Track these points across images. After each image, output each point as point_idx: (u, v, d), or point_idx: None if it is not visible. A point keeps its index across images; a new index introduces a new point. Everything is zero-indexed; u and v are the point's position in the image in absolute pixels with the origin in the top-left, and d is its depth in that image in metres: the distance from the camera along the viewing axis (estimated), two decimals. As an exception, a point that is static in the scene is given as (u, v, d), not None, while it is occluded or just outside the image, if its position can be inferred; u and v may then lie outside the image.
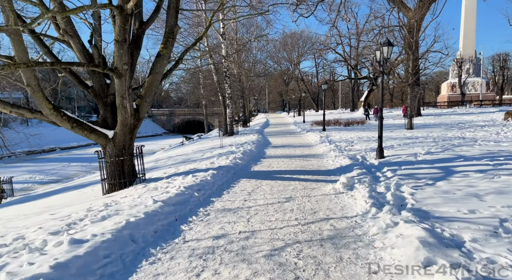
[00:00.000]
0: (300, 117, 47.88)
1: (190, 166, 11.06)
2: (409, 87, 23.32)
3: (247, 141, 18.32)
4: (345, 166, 10.16)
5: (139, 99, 9.02)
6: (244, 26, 33.23)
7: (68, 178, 29.15)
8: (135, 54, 9.40)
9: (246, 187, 7.90)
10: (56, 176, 30.56)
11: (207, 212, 5.89)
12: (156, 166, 13.97)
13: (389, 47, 10.68)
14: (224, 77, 24.15)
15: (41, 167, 34.86)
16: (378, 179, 8.08)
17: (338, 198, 6.55)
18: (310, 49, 58.25)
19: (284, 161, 12.13)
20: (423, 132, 19.25)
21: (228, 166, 10.17)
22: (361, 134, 19.75)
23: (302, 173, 9.53)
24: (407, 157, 10.81)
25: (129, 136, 9.07)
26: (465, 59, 53.86)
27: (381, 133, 11.33)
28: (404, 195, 6.09)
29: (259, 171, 10.15)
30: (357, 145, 14.87)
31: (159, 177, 9.67)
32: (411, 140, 15.50)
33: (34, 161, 40.20)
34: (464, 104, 50.40)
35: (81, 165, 35.91)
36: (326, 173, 9.59)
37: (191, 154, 15.82)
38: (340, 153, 12.78)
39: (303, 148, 16.15)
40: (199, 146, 20.64)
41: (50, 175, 31.05)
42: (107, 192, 9.16)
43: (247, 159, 12.30)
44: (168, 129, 78.08)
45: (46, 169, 33.80)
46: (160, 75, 8.94)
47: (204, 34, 10.40)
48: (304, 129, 27.04)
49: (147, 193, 7.01)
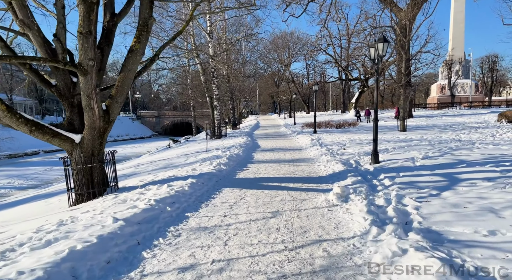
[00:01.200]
0: (291, 119, 47.15)
1: (170, 173, 10.12)
2: (401, 88, 22.69)
3: (234, 144, 17.42)
4: (338, 172, 9.33)
5: (109, 99, 8.06)
6: (233, 25, 32.40)
7: (48, 183, 27.77)
8: (105, 49, 8.46)
9: (228, 198, 7.00)
10: (36, 181, 29.13)
11: (178, 232, 4.96)
12: (135, 172, 12.98)
13: (385, 44, 9.90)
14: (212, 77, 23.21)
15: (22, 172, 33.33)
16: (376, 188, 7.26)
17: (331, 213, 5.70)
18: (300, 50, 57.70)
19: (273, 166, 11.26)
20: (417, 134, 18.60)
21: (210, 173, 9.25)
22: (353, 137, 19.01)
23: (292, 181, 8.67)
24: (404, 162, 10.04)
25: (99, 140, 8.10)
26: (454, 61, 53.92)
27: (376, 136, 10.54)
28: (408, 210, 5.26)
29: (245, 179, 9.25)
30: (350, 149, 14.10)
31: (133, 186, 8.72)
32: (406, 143, 14.79)
33: (15, 165, 38.51)
34: (454, 106, 50.39)
35: (64, 169, 34.49)
36: (317, 180, 8.74)
37: (175, 159, 14.85)
38: (332, 158, 11.98)
39: (293, 151, 15.31)
40: (184, 149, 19.66)
41: (30, 180, 29.60)
42: (73, 203, 8.18)
43: (232, 165, 11.40)
44: (157, 131, 76.64)
45: (26, 174, 32.32)
46: (133, 73, 7.99)
47: (184, 28, 9.50)
48: (294, 131, 26.24)
49: (112, 207, 6.06)
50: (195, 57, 24.98)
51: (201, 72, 25.10)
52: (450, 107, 49.87)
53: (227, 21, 29.43)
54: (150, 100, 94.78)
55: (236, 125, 37.82)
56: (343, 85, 60.31)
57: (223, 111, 42.96)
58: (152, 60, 8.75)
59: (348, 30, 47.97)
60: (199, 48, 23.34)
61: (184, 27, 9.57)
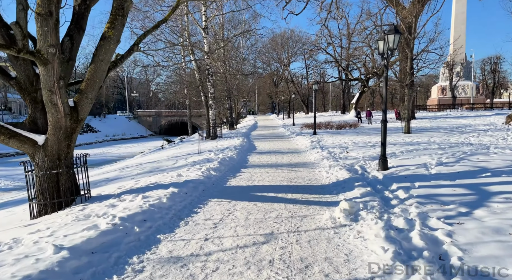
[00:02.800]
0: (289, 119, 45.98)
1: (153, 179, 8.96)
2: (406, 88, 21.59)
3: (229, 146, 16.26)
4: (343, 180, 8.20)
5: (78, 94, 6.90)
6: (230, 22, 31.21)
7: (36, 184, 26.61)
8: (76, 37, 7.31)
9: (214, 213, 5.85)
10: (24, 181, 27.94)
11: (140, 266, 3.80)
12: (119, 176, 11.81)
13: (396, 36, 8.77)
14: (207, 75, 22.04)
15: (11, 172, 32.02)
16: (389, 202, 6.12)
17: (339, 237, 4.56)
18: (300, 50, 56.54)
19: (269, 172, 10.11)
20: (422, 136, 17.48)
21: (197, 181, 8.09)
22: (355, 139, 17.89)
23: (290, 190, 7.53)
24: (417, 168, 8.91)
25: (66, 142, 6.94)
26: (456, 62, 52.99)
27: (385, 139, 9.40)
28: (438, 237, 4.12)
29: (236, 187, 8.10)
30: (353, 152, 12.98)
31: (108, 195, 7.57)
32: (413, 146, 13.67)
33: (5, 165, 37.18)
34: (456, 108, 49.45)
35: (55, 169, 33.17)
36: (320, 190, 7.61)
37: (164, 161, 13.68)
38: (335, 162, 10.85)
39: (292, 155, 14.17)
40: (176, 151, 18.49)
41: (17, 181, 28.35)
42: (36, 215, 7.03)
43: (224, 170, 10.23)
44: (154, 130, 75.36)
45: (15, 174, 31.01)
46: (105, 64, 6.83)
47: (170, 15, 8.36)
48: (293, 132, 25.10)
49: (69, 226, 4.91)
50: (189, 54, 23.85)
51: (196, 70, 23.95)
52: (451, 108, 48.91)
53: (224, 17, 28.32)
54: (148, 100, 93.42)
55: (233, 126, 36.65)
56: (343, 85, 59.17)
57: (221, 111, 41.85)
58: (130, 50, 7.60)
59: (348, 29, 46.89)
60: (193, 45, 22.18)
61: (169, 14, 8.42)
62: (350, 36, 46.27)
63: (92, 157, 42.25)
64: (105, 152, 45.75)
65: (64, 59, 7.13)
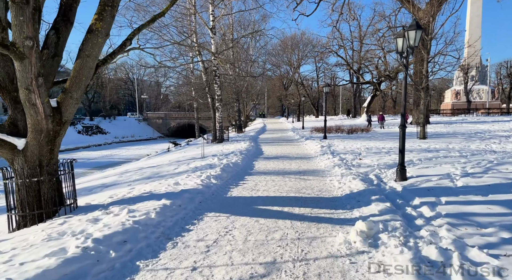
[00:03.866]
0: (299, 122, 45.04)
1: (148, 187, 8.22)
2: (422, 91, 20.53)
3: (234, 150, 15.48)
4: (357, 192, 7.33)
5: (62, 93, 6.20)
6: (239, 24, 30.52)
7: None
8: (62, 30, 6.61)
9: (209, 232, 5.05)
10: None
11: (106, 308, 3.04)
12: (116, 182, 11.10)
13: (418, 31, 7.89)
14: (214, 76, 21.34)
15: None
16: (414, 222, 5.24)
17: (356, 269, 3.71)
18: (310, 52, 55.58)
19: (275, 180, 9.28)
20: (440, 142, 16.43)
21: (195, 190, 7.30)
22: (368, 144, 16.93)
23: (298, 203, 6.69)
24: (440, 179, 7.97)
25: (48, 147, 6.24)
26: (471, 65, 51.50)
27: (403, 146, 8.50)
28: (485, 277, 3.25)
29: (238, 198, 7.29)
30: (367, 159, 12.06)
31: (97, 205, 6.84)
32: (432, 153, 12.69)
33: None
34: (471, 112, 47.94)
35: (61, 171, 32.74)
36: (331, 203, 6.75)
37: (165, 166, 12.95)
38: (347, 170, 9.97)
39: (301, 160, 13.31)
40: (180, 155, 17.78)
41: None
42: (14, 228, 6.32)
43: (226, 177, 9.43)
44: (164, 133, 75.07)
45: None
46: (93, 60, 6.11)
47: (168, 9, 7.64)
48: (303, 136, 24.20)
49: (37, 246, 4.17)
50: (196, 55, 23.20)
51: (203, 71, 23.27)
52: (466, 113, 47.38)
53: (233, 18, 27.65)
54: (158, 102, 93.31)
55: (242, 129, 35.90)
56: (354, 88, 58.02)
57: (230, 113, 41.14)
58: (123, 45, 6.87)
59: (360, 32, 45.88)
60: (200, 45, 21.51)
61: (168, 7, 7.69)
62: (362, 38, 45.27)
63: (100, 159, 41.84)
64: (113, 154, 45.43)
65: (49, 55, 6.45)
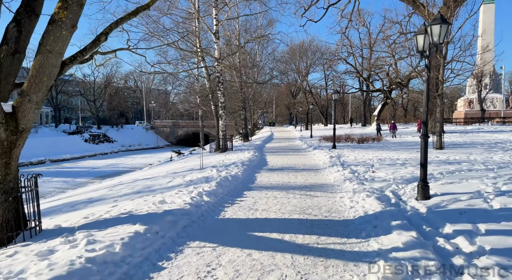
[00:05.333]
0: (307, 131, 43.77)
1: (130, 206, 7.17)
2: (438, 99, 19.27)
3: (237, 161, 14.38)
4: (373, 214, 6.16)
5: (19, 97, 5.21)
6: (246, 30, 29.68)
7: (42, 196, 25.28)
8: (25, 23, 5.66)
9: (186, 271, 3.93)
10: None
11: None
12: (103, 197, 10.05)
13: (443, 26, 6.76)
14: (217, 83, 20.41)
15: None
16: (450, 260, 4.05)
17: None
18: (319, 60, 54.57)
19: (278, 196, 8.15)
20: (459, 153, 15.12)
21: (181, 211, 6.21)
22: (381, 154, 15.69)
23: (302, 228, 5.55)
24: (470, 199, 6.75)
25: (2, 161, 5.24)
26: (484, 73, 49.98)
27: (426, 159, 7.32)
28: None
29: (231, 221, 6.17)
30: (381, 172, 10.86)
31: (66, 228, 5.83)
32: (453, 165, 11.44)
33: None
34: (486, 121, 46.28)
35: (63, 181, 32.03)
36: (342, 229, 5.58)
37: (160, 179, 11.91)
38: (359, 185, 8.79)
39: (308, 173, 12.15)
40: (180, 165, 16.77)
41: (21, 192, 27.23)
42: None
43: (222, 193, 8.31)
44: (171, 141, 74.46)
45: (22, 185, 30.00)
46: (56, 56, 5.12)
47: (154, 2, 6.68)
48: (311, 145, 23.01)
49: None
50: (200, 60, 22.33)
51: (206, 78, 22.37)
52: (480, 122, 45.71)
53: (239, 23, 26.84)
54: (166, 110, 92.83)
55: (248, 137, 34.85)
56: (364, 96, 56.68)
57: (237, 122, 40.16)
58: (96, 40, 5.90)
59: (370, 39, 44.79)
60: (203, 50, 20.63)
61: (153, 0, 6.71)
62: (372, 45, 44.18)
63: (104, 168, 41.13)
64: (118, 163, 44.80)
65: (9, 52, 5.49)
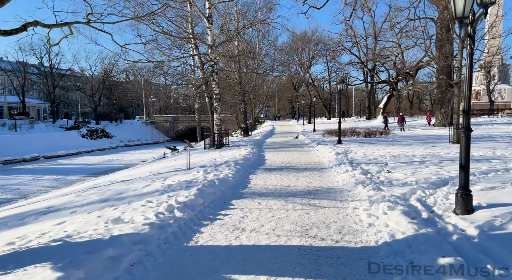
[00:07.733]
0: (310, 125, 41.88)
1: (76, 224, 5.46)
2: (455, 87, 17.37)
3: (231, 159, 12.60)
4: (404, 239, 4.37)
5: None
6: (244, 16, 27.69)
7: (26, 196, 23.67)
8: None
9: None
10: (14, 193, 25.07)
11: None
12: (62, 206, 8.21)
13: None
14: (211, 72, 18.59)
15: (6, 181, 29.51)
16: None
17: None
18: (322, 51, 52.42)
19: (274, 207, 6.37)
20: (482, 148, 13.26)
21: (136, 236, 4.43)
22: (393, 150, 13.88)
23: (304, 266, 3.78)
24: (532, 214, 4.96)
25: None
26: (493, 64, 48.00)
27: (468, 160, 5.51)
28: None
29: (203, 251, 4.40)
30: (397, 172, 9.06)
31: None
32: (483, 164, 9.66)
33: (6, 173, 34.81)
34: (495, 113, 44.40)
35: (54, 179, 30.41)
36: (363, 268, 3.81)
37: (137, 182, 10.14)
38: (376, 191, 6.99)
39: (311, 173, 10.36)
40: (168, 164, 15.02)
41: (7, 192, 25.62)
42: None
43: (202, 205, 6.50)
44: (171, 136, 72.74)
45: (9, 184, 28.47)
46: None
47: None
48: (314, 140, 21.17)
49: None
50: (193, 48, 20.49)
51: (200, 67, 20.53)
52: (489, 114, 43.84)
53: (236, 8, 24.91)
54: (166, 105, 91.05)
55: (248, 132, 33.06)
56: (368, 88, 54.61)
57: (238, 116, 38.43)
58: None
59: (375, 28, 42.69)
60: (195, 36, 18.78)
61: None
62: (376, 35, 42.10)
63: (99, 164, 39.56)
64: (114, 159, 43.20)
65: None
